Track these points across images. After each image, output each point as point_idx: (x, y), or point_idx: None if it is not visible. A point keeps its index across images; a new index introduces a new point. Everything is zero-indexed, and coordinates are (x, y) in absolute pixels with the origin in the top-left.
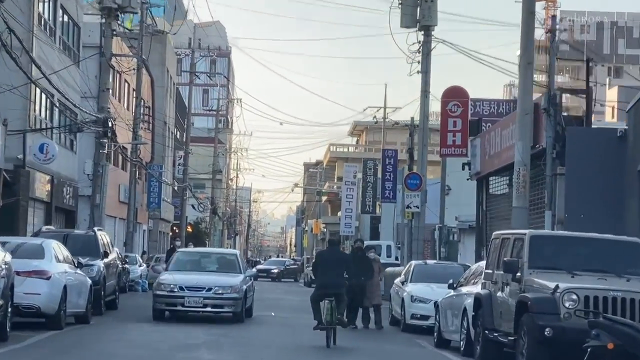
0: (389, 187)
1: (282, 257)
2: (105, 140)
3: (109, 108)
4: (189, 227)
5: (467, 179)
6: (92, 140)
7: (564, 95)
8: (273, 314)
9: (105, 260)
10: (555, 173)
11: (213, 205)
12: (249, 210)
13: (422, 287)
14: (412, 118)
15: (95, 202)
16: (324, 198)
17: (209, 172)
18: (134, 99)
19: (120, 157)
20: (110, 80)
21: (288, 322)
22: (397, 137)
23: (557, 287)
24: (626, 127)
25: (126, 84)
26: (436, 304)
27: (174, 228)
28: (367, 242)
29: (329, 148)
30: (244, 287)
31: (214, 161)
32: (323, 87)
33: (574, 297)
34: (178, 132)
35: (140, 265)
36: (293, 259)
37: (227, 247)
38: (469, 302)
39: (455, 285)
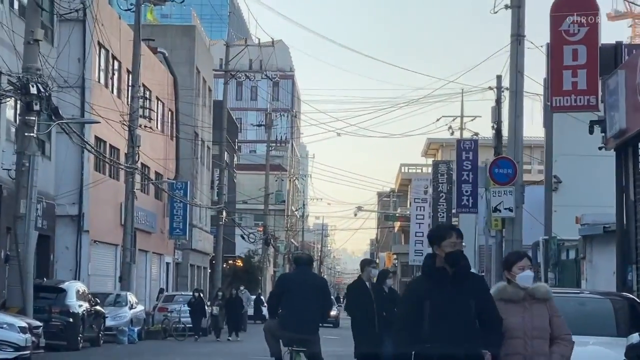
0: (466, 191)
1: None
2: (32, 118)
3: (39, 69)
4: (239, 261)
5: (600, 147)
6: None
7: None
8: None
9: None
10: None
11: (266, 235)
12: (322, 245)
13: None
14: (499, 77)
15: (19, 213)
16: (397, 227)
17: (267, 202)
18: (132, 88)
19: (120, 169)
20: (99, 60)
21: None
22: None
23: None
24: None
25: (127, 73)
26: None
27: (223, 263)
28: None
29: (400, 169)
30: None
31: (266, 181)
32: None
33: None
34: (227, 154)
35: (131, 307)
36: None
37: None
38: None
39: None
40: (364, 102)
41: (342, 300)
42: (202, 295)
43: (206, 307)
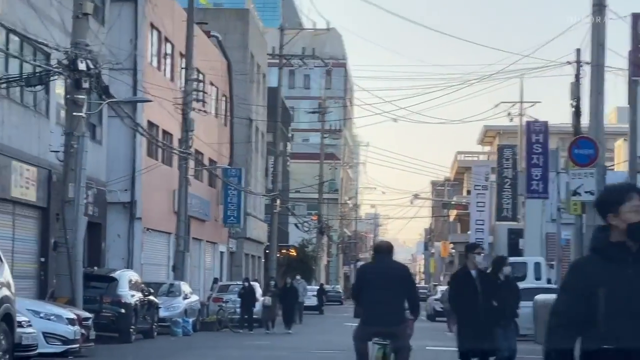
0: (536, 175)
1: None
2: (81, 97)
3: (89, 45)
4: (292, 250)
5: None
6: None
7: None
8: None
9: None
10: None
11: (320, 224)
12: (374, 235)
13: None
14: (578, 50)
15: (67, 197)
16: (453, 216)
17: (322, 190)
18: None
19: (173, 154)
20: (151, 41)
21: None
22: None
23: None
24: None
25: (180, 56)
26: None
27: (277, 252)
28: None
29: (455, 157)
30: None
31: (321, 169)
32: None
33: None
34: (282, 144)
35: (185, 297)
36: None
37: (343, 275)
38: None
39: None
40: (421, 81)
41: None
42: (251, 284)
43: (259, 297)
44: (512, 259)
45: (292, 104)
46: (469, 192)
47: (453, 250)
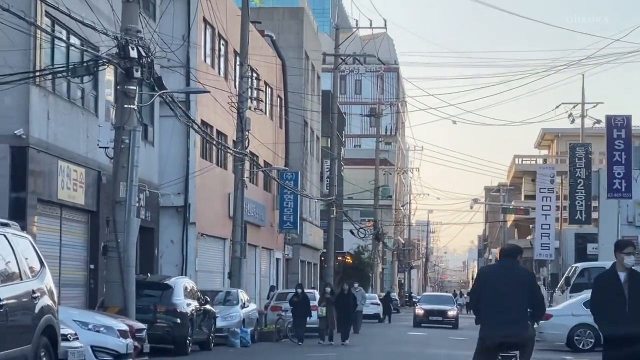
0: (619, 174)
1: (456, 291)
2: (132, 87)
3: (140, 31)
4: (348, 257)
5: None
6: (179, 124)
7: None
8: None
9: None
10: None
11: (376, 230)
12: (427, 242)
13: None
14: None
15: (118, 197)
16: (510, 221)
17: (377, 196)
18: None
19: (227, 156)
20: (204, 38)
21: None
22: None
23: None
24: None
25: (234, 54)
26: None
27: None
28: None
29: (513, 161)
30: None
31: (376, 175)
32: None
33: None
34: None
35: (243, 306)
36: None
37: (401, 282)
38: None
39: None
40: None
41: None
42: (304, 292)
43: (315, 306)
44: (588, 264)
45: (344, 109)
46: (527, 196)
47: None
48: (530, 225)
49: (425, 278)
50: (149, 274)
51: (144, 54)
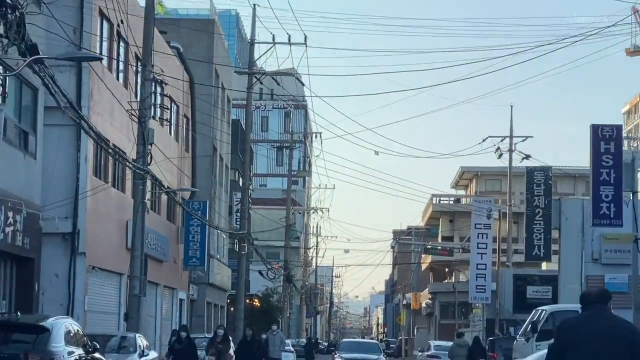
0: (606, 196)
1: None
2: None
3: None
4: (256, 300)
5: None
6: (68, 133)
7: None
8: None
9: None
10: None
11: (287, 271)
12: (331, 286)
13: None
14: None
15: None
16: (425, 264)
17: (288, 235)
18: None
19: (126, 179)
20: (100, 33)
21: None
22: (521, 186)
23: None
24: None
25: (135, 59)
26: None
27: (232, 302)
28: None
29: (430, 200)
30: None
31: (287, 211)
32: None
33: None
34: (250, 182)
35: (142, 354)
36: (385, 341)
37: (306, 328)
38: None
39: None
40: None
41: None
42: (190, 337)
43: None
44: (556, 307)
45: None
46: (444, 237)
47: (431, 302)
48: (446, 269)
49: (330, 324)
50: (18, 313)
51: (8, 1)
